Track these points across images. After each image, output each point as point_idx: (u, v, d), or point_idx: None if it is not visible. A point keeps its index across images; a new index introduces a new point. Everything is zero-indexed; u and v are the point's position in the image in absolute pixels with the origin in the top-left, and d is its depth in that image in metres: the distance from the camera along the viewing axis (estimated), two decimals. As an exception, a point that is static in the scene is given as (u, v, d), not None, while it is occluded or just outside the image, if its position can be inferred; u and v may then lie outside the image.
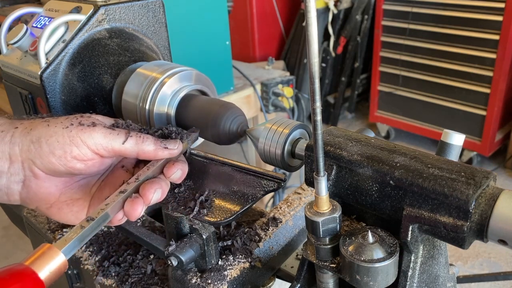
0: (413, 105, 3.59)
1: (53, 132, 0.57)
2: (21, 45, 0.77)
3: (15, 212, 1.09)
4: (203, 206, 0.65)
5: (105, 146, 0.58)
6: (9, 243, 2.92)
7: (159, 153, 0.61)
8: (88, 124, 0.59)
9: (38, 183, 0.59)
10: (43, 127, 0.58)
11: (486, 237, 0.47)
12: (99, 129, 0.58)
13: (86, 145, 0.57)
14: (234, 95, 2.13)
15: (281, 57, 4.07)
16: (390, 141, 0.91)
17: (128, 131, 0.60)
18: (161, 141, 0.62)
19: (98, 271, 0.81)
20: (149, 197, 0.57)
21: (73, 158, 0.57)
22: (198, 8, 1.89)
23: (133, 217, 0.56)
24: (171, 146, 0.62)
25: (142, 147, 0.60)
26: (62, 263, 0.48)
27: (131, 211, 0.56)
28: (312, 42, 0.45)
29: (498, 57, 2.97)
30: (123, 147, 0.59)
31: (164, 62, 0.83)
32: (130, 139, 0.59)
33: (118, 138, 0.59)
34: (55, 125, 0.58)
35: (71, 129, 0.57)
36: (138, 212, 0.56)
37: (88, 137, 0.57)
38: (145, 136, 0.61)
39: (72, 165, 0.58)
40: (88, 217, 0.53)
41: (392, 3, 3.46)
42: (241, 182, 0.68)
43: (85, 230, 0.52)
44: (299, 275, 0.64)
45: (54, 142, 0.57)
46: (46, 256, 0.47)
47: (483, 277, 1.02)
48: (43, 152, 0.57)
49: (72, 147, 0.57)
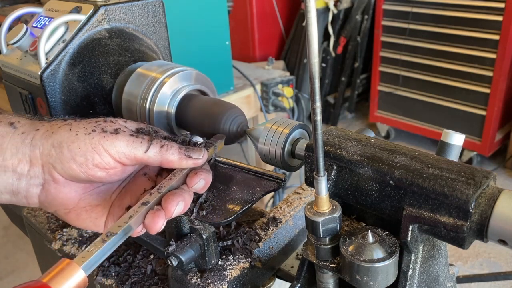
0: (413, 105, 3.59)
1: (75, 138, 0.55)
2: (21, 45, 0.77)
3: (15, 212, 1.09)
4: (202, 207, 0.64)
5: (127, 154, 0.56)
6: (9, 243, 2.92)
7: (183, 163, 0.58)
8: (111, 131, 0.57)
9: (57, 187, 0.57)
10: (65, 131, 0.56)
11: (486, 237, 0.47)
12: (122, 137, 0.56)
13: (108, 154, 0.55)
14: (234, 95, 2.13)
15: (281, 57, 4.07)
16: (390, 141, 0.91)
17: (151, 138, 0.58)
18: (185, 149, 0.59)
19: (98, 271, 0.81)
20: (171, 210, 0.55)
21: (95, 166, 0.55)
22: (198, 8, 1.89)
23: (154, 230, 0.54)
24: (196, 155, 0.59)
25: (166, 156, 0.57)
26: (81, 280, 0.45)
27: (151, 224, 0.54)
28: (312, 42, 0.45)
29: (498, 57, 2.97)
30: (146, 155, 0.56)
31: (164, 62, 0.83)
32: (152, 147, 0.57)
33: (141, 147, 0.56)
34: (77, 130, 0.56)
35: (94, 136, 0.55)
36: (159, 226, 0.54)
37: (110, 145, 0.55)
38: (170, 144, 0.58)
39: (93, 173, 0.56)
40: (109, 232, 0.51)
41: (392, 3, 3.46)
42: (241, 182, 0.68)
43: (106, 244, 0.50)
44: (299, 275, 0.64)
45: (76, 148, 0.55)
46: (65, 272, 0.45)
47: (483, 277, 1.02)
48: (64, 157, 0.55)
49: (94, 154, 0.55)
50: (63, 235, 0.89)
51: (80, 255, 0.48)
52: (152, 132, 0.61)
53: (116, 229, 0.51)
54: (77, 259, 0.47)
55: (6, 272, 2.69)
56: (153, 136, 0.59)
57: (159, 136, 0.60)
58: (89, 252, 0.48)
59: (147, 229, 0.55)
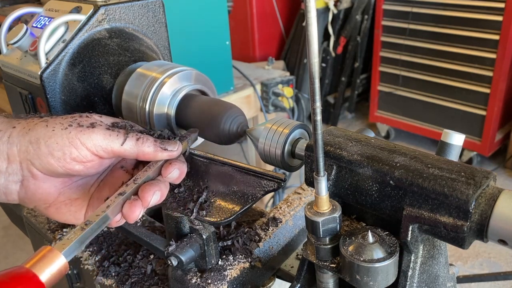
0: (413, 105, 3.59)
1: (52, 133, 0.57)
2: (21, 45, 0.77)
3: (15, 212, 1.09)
4: (202, 207, 0.64)
5: (104, 147, 0.58)
6: (9, 243, 2.92)
7: (159, 155, 0.60)
8: (87, 125, 0.58)
9: (36, 183, 0.59)
10: (41, 127, 0.57)
11: (486, 237, 0.47)
12: (98, 130, 0.58)
13: (85, 147, 0.57)
14: (234, 95, 2.13)
15: (281, 57, 4.07)
16: (390, 141, 0.91)
17: (127, 132, 0.60)
18: (160, 142, 0.61)
19: (98, 271, 0.81)
20: (148, 199, 0.57)
21: (72, 160, 0.57)
22: (198, 8, 1.89)
23: (131, 219, 0.56)
24: (171, 147, 0.61)
25: (142, 149, 0.59)
26: (63, 265, 0.47)
27: (129, 213, 0.56)
28: (312, 42, 0.45)
29: (498, 57, 2.97)
30: (123, 148, 0.58)
31: (164, 62, 0.83)
32: (128, 140, 0.59)
33: (117, 139, 0.58)
34: (54, 125, 0.57)
35: (70, 130, 0.57)
36: (136, 214, 0.56)
37: (87, 139, 0.57)
38: (145, 137, 0.60)
39: (71, 166, 0.57)
40: (87, 220, 0.53)
41: (392, 3, 3.46)
42: (241, 182, 0.68)
43: (85, 232, 0.52)
44: (299, 275, 0.64)
45: (53, 143, 0.56)
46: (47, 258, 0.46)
47: (483, 277, 1.02)
48: (41, 153, 0.56)
49: (71, 148, 0.56)
50: (63, 235, 0.89)
51: (60, 242, 0.49)
52: (128, 126, 0.62)
53: (94, 218, 0.53)
54: (58, 246, 0.48)
55: (6, 272, 2.69)
56: (128, 130, 0.61)
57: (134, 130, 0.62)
58: (69, 240, 0.50)
59: (125, 218, 0.57)
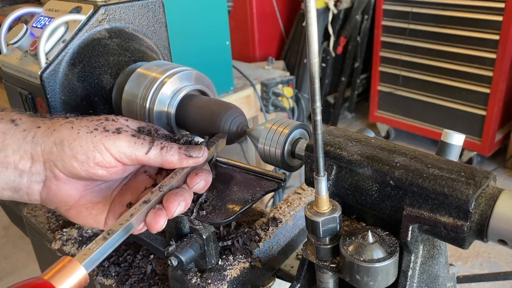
0: (413, 105, 3.59)
1: (77, 136, 0.56)
2: (21, 45, 0.77)
3: (15, 212, 1.09)
4: (202, 208, 0.64)
5: (128, 155, 0.56)
6: (9, 243, 2.92)
7: (184, 162, 0.59)
8: (113, 130, 0.57)
9: (59, 184, 0.58)
10: (66, 129, 0.56)
11: (486, 237, 0.47)
12: (124, 137, 0.56)
13: (109, 153, 0.56)
14: (234, 95, 2.13)
15: (281, 57, 4.07)
16: (390, 141, 0.91)
17: (152, 140, 0.58)
18: (185, 148, 0.59)
19: (98, 271, 0.81)
20: (173, 210, 0.55)
21: (96, 165, 0.56)
22: (198, 8, 1.89)
23: (155, 229, 0.54)
24: (195, 154, 0.59)
25: (166, 158, 0.58)
26: (82, 277, 0.46)
27: (153, 223, 0.54)
28: (312, 42, 0.45)
29: (498, 57, 2.97)
30: (147, 157, 0.57)
31: (164, 62, 0.83)
32: (153, 148, 0.57)
33: (142, 148, 0.57)
34: (79, 128, 0.56)
35: (96, 135, 0.56)
36: (160, 225, 0.54)
37: (112, 145, 0.55)
38: (169, 145, 0.58)
39: (94, 171, 0.56)
40: (110, 229, 0.51)
41: (392, 3, 3.46)
42: (241, 182, 0.68)
43: (107, 242, 0.50)
44: (299, 275, 0.64)
45: (77, 146, 0.55)
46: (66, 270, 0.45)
47: (483, 277, 1.02)
48: (65, 155, 0.55)
49: (95, 153, 0.55)
50: (63, 235, 0.89)
51: (81, 253, 0.48)
52: (153, 131, 0.61)
53: (117, 227, 0.51)
54: (78, 257, 0.47)
55: (6, 272, 2.69)
56: (154, 137, 0.59)
57: (160, 137, 0.61)
58: (91, 250, 0.48)
59: (149, 228, 0.55)
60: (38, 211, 0.98)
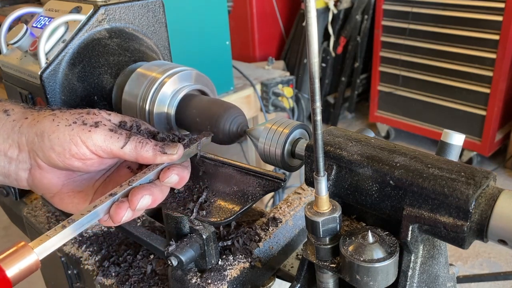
0: (413, 105, 3.59)
1: (56, 128, 0.58)
2: (21, 45, 0.77)
3: (15, 212, 1.09)
4: (202, 207, 0.64)
5: (104, 148, 0.58)
6: (9, 243, 2.90)
7: (158, 159, 0.60)
8: (91, 123, 0.59)
9: (42, 173, 0.61)
10: (48, 121, 0.59)
11: (486, 237, 0.47)
12: (100, 131, 0.58)
13: (85, 145, 0.58)
14: (234, 95, 2.13)
15: (281, 57, 4.07)
16: (390, 141, 0.91)
17: (129, 135, 0.60)
18: (161, 145, 0.60)
19: (98, 271, 0.81)
20: (135, 202, 0.56)
21: (72, 156, 0.58)
22: (198, 8, 1.89)
23: (115, 220, 0.56)
24: (170, 151, 0.60)
25: (141, 153, 0.59)
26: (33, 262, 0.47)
27: (114, 214, 0.56)
28: (312, 42, 0.45)
29: (498, 57, 2.97)
30: (122, 151, 0.59)
31: (164, 62, 0.83)
32: (129, 144, 0.59)
33: (118, 142, 0.59)
34: (60, 121, 0.59)
35: (73, 127, 0.58)
36: (120, 216, 0.56)
37: (88, 138, 0.58)
38: (145, 141, 0.60)
39: (70, 162, 0.58)
40: (70, 218, 0.52)
41: (392, 3, 3.46)
42: (241, 182, 0.68)
43: (65, 230, 0.51)
44: (299, 275, 0.64)
45: (55, 138, 0.57)
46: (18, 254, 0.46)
47: (483, 277, 1.02)
48: (44, 146, 0.58)
49: (71, 145, 0.57)
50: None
51: (38, 238, 0.49)
52: (135, 126, 0.63)
53: (78, 216, 0.53)
54: (33, 242, 0.48)
55: (6, 272, 2.69)
56: (132, 133, 0.61)
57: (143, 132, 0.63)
58: (47, 236, 0.49)
59: (111, 219, 0.57)
60: (38, 211, 0.98)
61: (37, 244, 0.48)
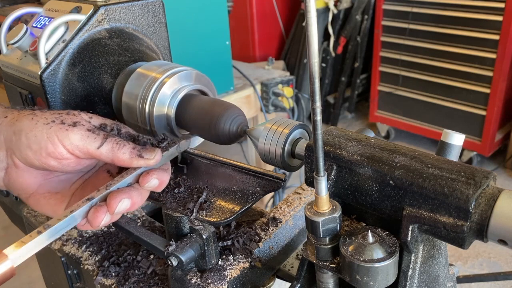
0: (413, 105, 3.59)
1: (34, 126, 0.58)
2: (21, 45, 0.77)
3: (15, 212, 1.09)
4: (202, 207, 0.64)
5: (80, 148, 0.58)
6: (9, 243, 2.90)
7: (134, 162, 0.59)
8: (69, 123, 0.59)
9: (18, 172, 0.60)
10: (27, 120, 0.59)
11: (486, 237, 0.47)
12: (78, 130, 0.58)
13: (61, 144, 0.57)
14: (234, 95, 2.13)
15: (281, 57, 4.07)
16: (390, 141, 0.91)
17: (106, 136, 0.59)
18: (138, 149, 0.60)
19: (98, 271, 0.81)
20: (114, 206, 0.56)
21: (48, 155, 0.58)
22: (198, 8, 1.89)
23: (94, 225, 0.55)
24: (147, 155, 0.60)
25: (117, 155, 0.59)
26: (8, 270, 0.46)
27: (92, 218, 0.55)
28: (312, 42, 0.45)
29: (498, 57, 2.98)
30: (99, 151, 0.58)
31: (164, 62, 0.83)
32: (105, 144, 0.58)
33: (94, 142, 0.58)
34: (38, 120, 0.59)
35: (51, 126, 0.58)
36: (99, 220, 0.55)
37: (65, 137, 0.57)
38: (123, 143, 0.59)
39: (46, 161, 0.58)
40: (46, 224, 0.51)
41: (392, 3, 3.46)
42: (241, 182, 0.68)
43: (40, 236, 0.50)
44: (299, 275, 0.64)
45: (33, 136, 0.57)
46: None
47: (483, 277, 1.02)
48: (21, 144, 0.58)
49: (47, 144, 0.57)
50: (63, 235, 0.89)
51: (13, 245, 0.49)
52: (115, 129, 0.62)
53: (54, 222, 0.52)
54: (8, 249, 0.48)
55: (6, 272, 2.69)
56: (109, 134, 0.60)
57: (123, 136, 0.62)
58: (22, 242, 0.49)
59: (90, 224, 0.56)
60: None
61: (12, 250, 0.47)
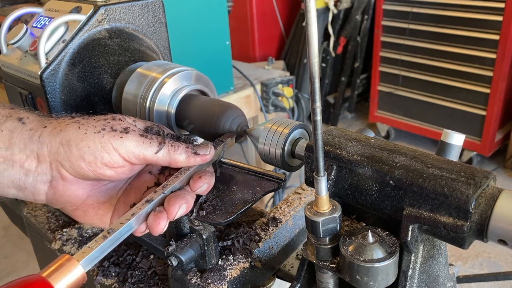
0: (413, 105, 3.59)
1: (84, 136, 0.55)
2: (21, 45, 0.77)
3: (15, 212, 1.09)
4: (202, 208, 0.64)
5: (137, 154, 0.56)
6: (9, 243, 2.92)
7: (191, 161, 0.58)
8: (120, 129, 0.57)
9: (65, 185, 0.58)
10: (73, 129, 0.56)
11: (486, 237, 0.47)
12: (132, 137, 0.56)
13: (117, 153, 0.55)
14: (234, 95, 2.13)
15: (281, 57, 4.07)
16: (390, 141, 0.91)
17: (162, 140, 0.58)
18: (192, 147, 0.59)
19: (98, 271, 0.81)
20: (174, 213, 0.55)
21: (103, 165, 0.55)
22: (198, 8, 1.89)
23: (156, 232, 0.54)
24: (203, 151, 0.59)
25: (174, 157, 0.58)
26: (80, 276, 0.46)
27: (154, 225, 0.54)
28: (312, 42, 0.45)
29: (498, 57, 2.97)
30: (156, 156, 0.57)
31: (164, 62, 0.83)
32: (162, 149, 0.57)
33: (151, 148, 0.57)
34: (87, 128, 0.56)
35: (103, 134, 0.55)
36: (161, 227, 0.54)
37: (120, 145, 0.55)
38: (177, 144, 0.58)
39: (102, 171, 0.56)
40: (110, 228, 0.51)
41: (392, 3, 3.46)
42: (241, 182, 0.68)
43: (107, 241, 0.50)
44: (299, 275, 0.64)
45: (85, 147, 0.55)
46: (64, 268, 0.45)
47: (483, 277, 1.02)
48: (72, 156, 0.55)
49: (103, 153, 0.55)
50: (63, 235, 0.89)
51: (80, 251, 0.48)
52: (161, 131, 0.61)
53: (118, 226, 0.51)
54: (77, 255, 0.47)
55: (6, 272, 2.69)
56: (163, 138, 0.59)
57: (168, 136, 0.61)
58: (90, 248, 0.48)
59: (150, 230, 0.55)
60: (38, 211, 0.98)
61: (82, 256, 0.47)
